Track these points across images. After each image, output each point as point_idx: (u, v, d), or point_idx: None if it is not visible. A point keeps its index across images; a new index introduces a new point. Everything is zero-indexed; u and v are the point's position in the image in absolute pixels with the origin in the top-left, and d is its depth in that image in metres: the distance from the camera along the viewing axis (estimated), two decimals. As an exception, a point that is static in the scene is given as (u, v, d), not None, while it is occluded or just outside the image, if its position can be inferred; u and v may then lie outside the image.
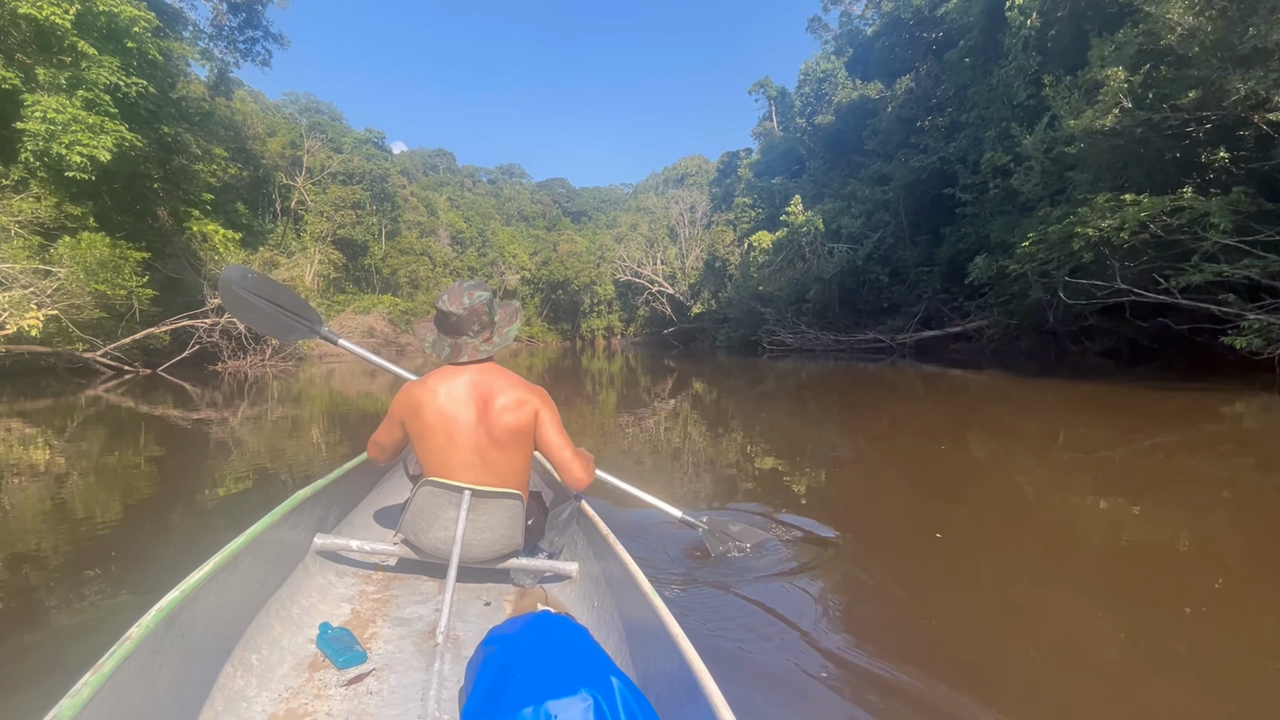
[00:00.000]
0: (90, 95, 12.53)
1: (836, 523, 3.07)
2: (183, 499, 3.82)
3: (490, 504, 1.81)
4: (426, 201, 73.09)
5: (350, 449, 5.38)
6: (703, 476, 4.40)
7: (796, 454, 5.21)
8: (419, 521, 1.82)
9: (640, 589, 1.43)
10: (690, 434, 6.54)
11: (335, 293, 43.61)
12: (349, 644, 1.52)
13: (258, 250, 26.27)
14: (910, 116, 18.33)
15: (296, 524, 1.87)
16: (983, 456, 4.97)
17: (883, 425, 6.63)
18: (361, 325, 40.61)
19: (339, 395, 12.22)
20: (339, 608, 1.79)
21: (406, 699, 1.36)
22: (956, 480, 4.12)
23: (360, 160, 47.39)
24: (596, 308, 61.83)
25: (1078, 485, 3.83)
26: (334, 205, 43.06)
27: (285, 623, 1.61)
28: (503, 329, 1.94)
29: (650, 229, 48.39)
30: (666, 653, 1.19)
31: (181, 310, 16.32)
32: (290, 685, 1.38)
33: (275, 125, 45.76)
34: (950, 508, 3.48)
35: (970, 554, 2.75)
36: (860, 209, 20.29)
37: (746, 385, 12.26)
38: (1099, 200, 8.04)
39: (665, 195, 49.69)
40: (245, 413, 8.60)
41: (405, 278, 50.30)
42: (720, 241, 34.55)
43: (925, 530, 3.01)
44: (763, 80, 42.63)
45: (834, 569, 2.50)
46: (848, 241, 20.23)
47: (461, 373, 1.84)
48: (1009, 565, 2.63)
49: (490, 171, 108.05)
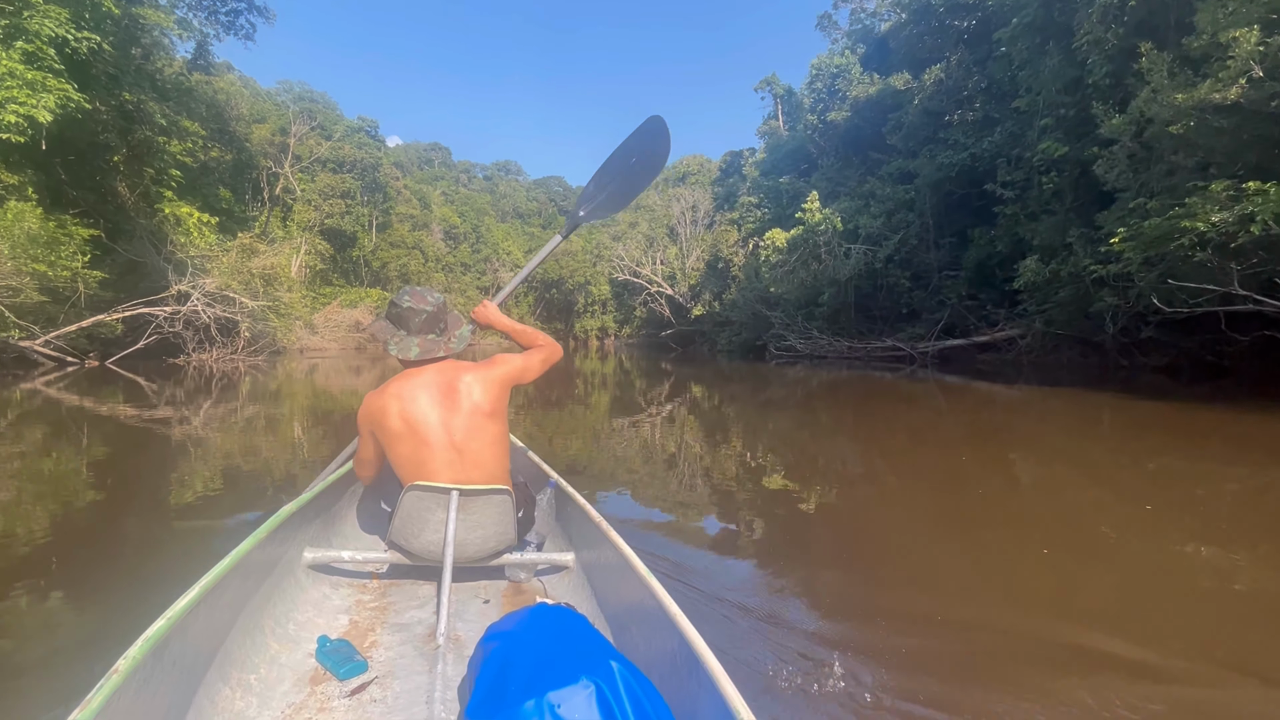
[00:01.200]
0: (31, 48, 11.00)
1: (846, 538, 2.95)
2: (125, 513, 3.39)
3: (479, 502, 1.77)
4: (420, 194, 71.63)
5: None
6: (702, 487, 4.19)
7: (807, 468, 4.86)
8: (409, 526, 1.79)
9: (636, 573, 1.44)
10: (689, 442, 6.13)
11: (322, 284, 41.94)
12: (349, 654, 1.51)
13: (236, 236, 24.69)
14: (938, 110, 17.09)
15: (285, 539, 1.84)
16: (1029, 481, 4.34)
17: (931, 452, 5.44)
18: (348, 319, 38.97)
19: (322, 392, 11.39)
20: (336, 619, 1.76)
21: (411, 704, 1.35)
22: (1000, 507, 3.62)
23: (351, 148, 45.65)
24: (591, 308, 61.31)
25: (1169, 526, 3.14)
26: (322, 194, 41.40)
27: (282, 639, 1.59)
28: (453, 331, 1.92)
29: (650, 228, 46.97)
30: (666, 633, 1.20)
31: (146, 296, 14.78)
32: (292, 702, 1.36)
33: (265, 111, 43.95)
34: (997, 542, 2.99)
35: (1031, 604, 2.24)
36: (880, 208, 19.06)
37: (751, 392, 11.58)
38: (1215, 188, 6.78)
39: (666, 194, 48.23)
40: (211, 412, 7.68)
41: (395, 271, 48.54)
42: (724, 241, 33.26)
43: (961, 563, 2.66)
44: (769, 78, 41.39)
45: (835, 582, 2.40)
46: (866, 242, 18.98)
47: (420, 373, 1.81)
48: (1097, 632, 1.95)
49: (486, 168, 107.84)
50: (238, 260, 23.90)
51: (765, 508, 3.64)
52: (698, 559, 2.65)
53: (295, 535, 1.92)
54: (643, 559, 1.52)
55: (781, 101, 41.59)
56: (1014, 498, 3.85)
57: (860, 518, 3.46)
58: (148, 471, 4.45)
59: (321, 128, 47.41)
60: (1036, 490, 4.06)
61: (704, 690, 1.00)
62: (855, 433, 6.71)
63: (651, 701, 0.98)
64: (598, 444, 5.92)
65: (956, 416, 7.50)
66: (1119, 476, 4.38)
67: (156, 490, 3.86)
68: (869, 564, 2.66)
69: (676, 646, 1.14)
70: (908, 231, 18.26)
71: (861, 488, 4.14)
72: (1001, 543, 2.95)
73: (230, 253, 23.90)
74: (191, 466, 4.51)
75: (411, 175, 78.39)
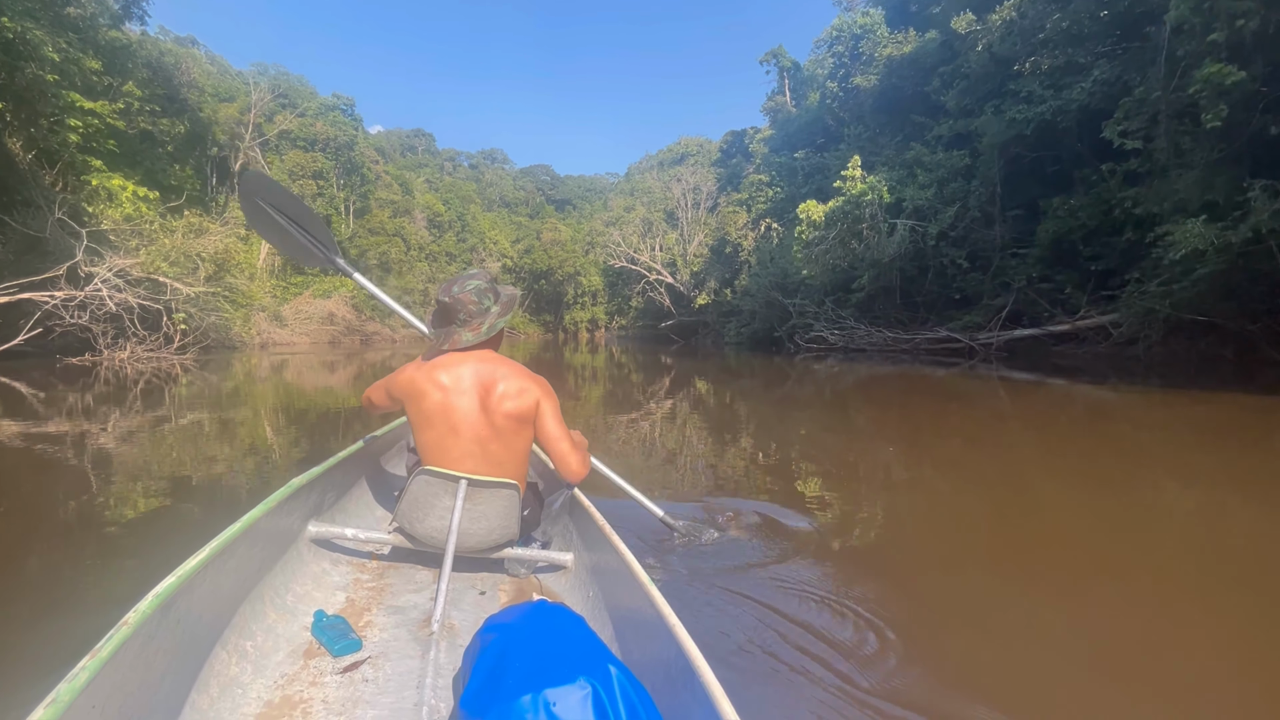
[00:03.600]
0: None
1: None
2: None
3: (487, 493, 1.78)
4: (401, 180, 68.35)
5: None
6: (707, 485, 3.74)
7: (841, 480, 3.94)
8: (415, 510, 1.79)
9: (636, 578, 1.43)
10: (694, 444, 5.38)
11: (292, 273, 38.66)
12: (344, 632, 1.51)
13: (184, 214, 21.52)
14: (1008, 56, 14.37)
15: (291, 511, 1.85)
16: (1162, 514, 3.13)
17: (1008, 468, 4.27)
18: (320, 310, 35.67)
19: (296, 391, 9.64)
20: (334, 595, 1.77)
21: (402, 687, 1.34)
22: (1132, 547, 2.62)
23: (324, 125, 42.13)
24: (580, 299, 59.95)
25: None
26: (291, 173, 37.97)
27: (280, 610, 1.59)
28: (493, 319, 1.89)
29: (648, 211, 43.96)
30: (662, 641, 1.19)
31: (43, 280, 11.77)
32: (285, 672, 1.37)
33: (234, 90, 40.23)
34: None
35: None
36: (929, 178, 16.38)
37: (766, 388, 10.11)
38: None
39: (666, 173, 45.12)
40: (122, 425, 5.70)
41: (375, 259, 45.11)
42: (732, 224, 30.49)
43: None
44: (775, 50, 38.60)
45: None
46: (912, 217, 16.31)
47: (463, 361, 1.82)
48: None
49: (472, 156, 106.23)
50: (183, 242, 20.82)
51: (790, 525, 2.89)
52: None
53: (301, 508, 1.92)
54: (641, 561, 1.51)
55: (789, 75, 38.80)
56: (1144, 535, 2.84)
57: (910, 552, 2.71)
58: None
59: (292, 104, 43.89)
60: (1179, 527, 3.01)
61: (698, 702, 0.99)
62: (909, 437, 5.54)
63: (645, 708, 0.97)
64: (594, 443, 4.55)
65: (1038, 422, 6.20)
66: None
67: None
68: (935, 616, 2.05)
69: (673, 656, 1.13)
70: (965, 203, 15.59)
71: (911, 504, 3.41)
72: (1124, 606, 2.10)
73: (175, 233, 20.82)
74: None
75: (394, 162, 75.25)
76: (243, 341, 23.95)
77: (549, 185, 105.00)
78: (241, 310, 24.58)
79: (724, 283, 31.28)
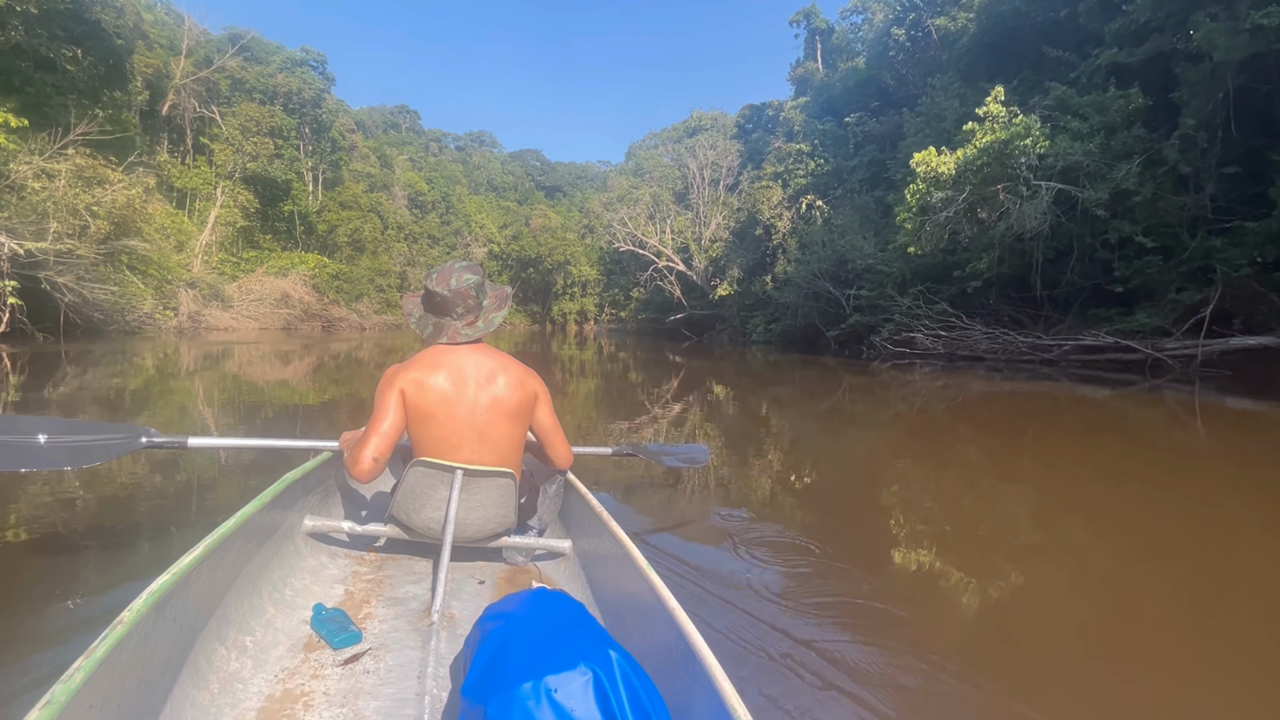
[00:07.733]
0: None
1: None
2: None
3: (483, 483, 1.74)
4: (380, 153, 62.83)
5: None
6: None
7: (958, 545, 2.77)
8: (411, 502, 1.75)
9: (635, 563, 1.41)
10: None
11: (245, 246, 33.17)
12: (344, 624, 1.48)
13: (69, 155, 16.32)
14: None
15: (286, 506, 1.81)
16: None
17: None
18: (274, 290, 30.26)
19: (245, 382, 7.76)
20: (332, 589, 1.74)
21: (403, 677, 1.33)
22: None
23: (285, 76, 36.53)
24: (570, 289, 55.60)
25: None
26: (244, 129, 32.40)
27: (279, 604, 1.57)
28: (489, 314, 1.87)
29: (656, 189, 38.99)
30: (663, 626, 1.18)
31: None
32: (286, 666, 1.35)
33: (191, 45, 34.37)
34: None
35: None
36: (1086, 127, 11.82)
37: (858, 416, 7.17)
38: None
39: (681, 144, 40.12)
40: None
41: (345, 236, 39.66)
42: (765, 201, 25.78)
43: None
44: (809, 8, 33.93)
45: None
46: (1060, 179, 11.74)
47: (456, 352, 1.78)
48: None
49: (459, 138, 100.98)
50: (66, 190, 15.61)
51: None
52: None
53: (297, 502, 1.89)
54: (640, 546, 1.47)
55: (820, 39, 34.16)
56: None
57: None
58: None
59: (255, 57, 38.22)
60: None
61: (699, 685, 0.98)
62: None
63: (647, 693, 0.96)
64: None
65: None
66: None
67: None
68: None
69: (673, 639, 1.12)
70: (1150, 157, 11.05)
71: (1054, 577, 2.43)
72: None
73: (57, 178, 15.60)
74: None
75: (375, 138, 69.53)
76: (153, 324, 18.76)
77: (539, 171, 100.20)
78: (154, 285, 19.41)
79: (750, 271, 26.64)
